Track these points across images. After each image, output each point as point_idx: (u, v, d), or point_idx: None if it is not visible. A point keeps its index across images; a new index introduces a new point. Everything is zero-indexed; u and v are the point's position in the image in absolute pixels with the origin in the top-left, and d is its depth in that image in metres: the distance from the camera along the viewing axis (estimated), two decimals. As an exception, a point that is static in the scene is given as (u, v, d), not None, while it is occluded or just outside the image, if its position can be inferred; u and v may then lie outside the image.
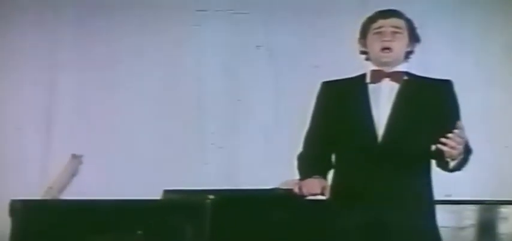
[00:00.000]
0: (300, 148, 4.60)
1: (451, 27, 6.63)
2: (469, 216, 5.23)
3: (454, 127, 4.18)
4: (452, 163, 4.20)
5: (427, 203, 4.40)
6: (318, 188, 4.30)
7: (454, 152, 4.08)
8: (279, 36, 6.73)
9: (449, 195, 5.43)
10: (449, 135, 4.05)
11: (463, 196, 5.51)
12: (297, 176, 4.49)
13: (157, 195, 5.13)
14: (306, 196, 4.35)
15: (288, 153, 4.75)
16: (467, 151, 4.32)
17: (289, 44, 6.71)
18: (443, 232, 4.47)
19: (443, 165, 4.32)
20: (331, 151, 4.49)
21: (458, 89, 4.48)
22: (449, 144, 4.06)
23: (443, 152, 4.16)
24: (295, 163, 4.56)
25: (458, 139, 4.07)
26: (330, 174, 4.54)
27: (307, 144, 4.52)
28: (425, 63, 4.70)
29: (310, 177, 4.37)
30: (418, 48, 4.53)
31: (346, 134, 4.42)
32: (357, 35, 4.54)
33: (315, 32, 6.42)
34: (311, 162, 4.47)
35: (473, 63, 6.59)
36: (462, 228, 5.11)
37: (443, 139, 4.06)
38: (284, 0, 6.80)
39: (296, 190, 4.36)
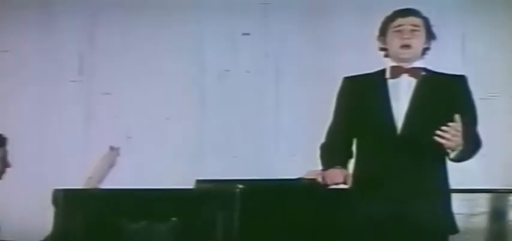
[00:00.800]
0: (322, 139, 4.61)
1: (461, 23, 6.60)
2: (482, 203, 5.22)
3: (465, 120, 4.26)
4: (452, 154, 4.28)
5: (442, 191, 4.47)
6: (340, 178, 4.39)
7: (450, 144, 4.18)
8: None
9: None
10: (444, 128, 4.14)
11: (477, 185, 5.47)
12: (319, 166, 4.56)
13: (190, 185, 5.15)
14: (329, 185, 4.43)
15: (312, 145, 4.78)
16: (475, 143, 4.41)
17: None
18: (457, 219, 4.53)
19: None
20: (352, 143, 4.55)
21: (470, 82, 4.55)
22: (445, 136, 4.14)
23: (441, 144, 4.23)
24: (318, 152, 4.63)
25: (453, 132, 4.16)
26: (351, 164, 4.58)
27: (329, 135, 4.59)
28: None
29: (332, 167, 4.45)
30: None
31: (366, 126, 4.51)
32: (377, 32, 4.57)
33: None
34: (333, 153, 4.55)
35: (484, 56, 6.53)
36: (475, 215, 5.11)
37: (439, 132, 4.15)
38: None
39: (319, 179, 4.44)
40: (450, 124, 4.20)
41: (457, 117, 4.21)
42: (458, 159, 4.37)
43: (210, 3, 6.87)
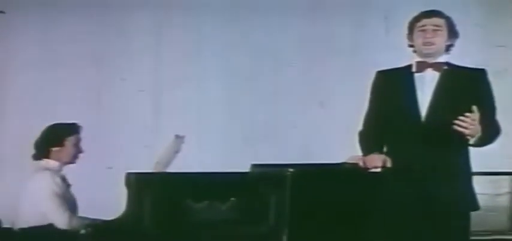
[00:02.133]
0: (360, 127, 4.77)
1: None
2: (505, 185, 5.20)
3: (484, 110, 4.40)
4: (471, 140, 4.41)
5: (464, 173, 4.58)
6: (379, 162, 4.57)
7: (468, 132, 4.32)
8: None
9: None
10: (463, 118, 4.28)
11: (501, 168, 5.43)
12: (359, 152, 4.72)
13: (246, 169, 5.13)
14: (369, 169, 4.58)
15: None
16: (494, 130, 4.53)
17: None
18: (482, 198, 4.64)
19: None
20: (384, 130, 4.66)
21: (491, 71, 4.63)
22: (463, 125, 4.28)
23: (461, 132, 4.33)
24: (357, 139, 4.79)
25: (470, 121, 4.29)
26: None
27: (365, 123, 4.75)
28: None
29: (371, 153, 4.59)
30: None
31: (395, 115, 4.63)
32: (406, 31, 4.69)
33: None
34: (370, 140, 4.69)
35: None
36: (499, 195, 5.10)
37: (457, 121, 4.29)
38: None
39: (361, 164, 4.61)
40: (468, 114, 4.31)
41: (474, 108, 4.33)
42: (478, 145, 4.46)
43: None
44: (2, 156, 6.34)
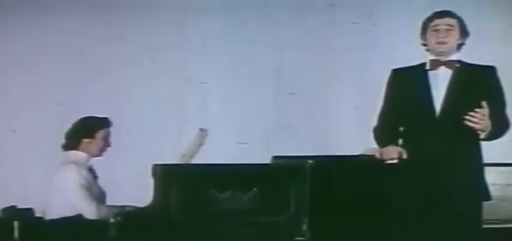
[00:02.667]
0: (374, 123, 4.83)
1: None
2: None
3: (495, 105, 4.47)
4: (482, 134, 4.47)
5: (476, 164, 4.63)
6: (395, 154, 4.60)
7: (478, 126, 4.39)
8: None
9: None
10: (472, 113, 4.35)
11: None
12: (375, 146, 4.76)
13: (267, 160, 5.15)
14: (385, 160, 4.62)
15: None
16: (504, 124, 4.59)
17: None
18: (494, 188, 4.68)
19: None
20: (399, 125, 4.66)
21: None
22: (473, 120, 4.35)
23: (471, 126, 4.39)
24: (372, 134, 4.82)
25: (480, 116, 4.36)
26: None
27: (380, 119, 4.81)
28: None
29: (386, 145, 4.62)
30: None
31: (411, 110, 4.67)
32: (419, 30, 4.74)
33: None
34: (385, 134, 4.72)
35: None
36: (509, 185, 5.10)
37: (467, 117, 4.36)
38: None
39: (377, 156, 4.65)
40: (477, 110, 4.37)
41: (484, 103, 4.40)
42: (489, 139, 4.52)
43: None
44: (34, 146, 6.36)
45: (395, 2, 6.67)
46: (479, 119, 4.42)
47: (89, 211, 5.06)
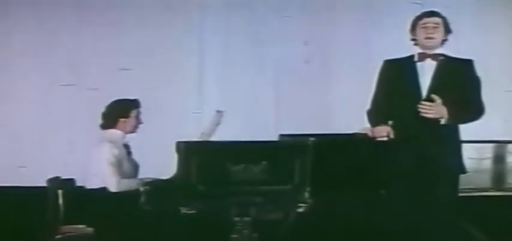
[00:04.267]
0: (368, 106, 4.92)
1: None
2: (488, 151, 5.23)
3: (470, 93, 4.57)
4: (442, 120, 4.56)
5: (454, 142, 4.71)
6: (384, 132, 4.71)
7: (429, 115, 4.49)
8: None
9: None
10: (422, 104, 4.46)
11: (494, 137, 5.46)
12: (368, 125, 4.85)
13: (275, 138, 5.20)
14: (376, 138, 4.75)
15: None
16: (478, 110, 4.66)
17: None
18: (470, 162, 4.79)
19: None
20: (390, 108, 4.75)
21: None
22: (422, 111, 4.46)
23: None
24: (365, 116, 4.91)
25: (427, 107, 4.45)
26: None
27: (373, 102, 4.88)
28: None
29: (378, 125, 4.71)
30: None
31: (401, 96, 4.73)
32: (409, 27, 4.80)
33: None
34: (377, 115, 4.79)
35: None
36: (482, 159, 5.16)
37: (419, 107, 4.46)
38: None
39: (370, 134, 4.78)
40: (424, 102, 4.48)
41: (433, 96, 4.48)
42: (454, 122, 4.59)
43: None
44: (78, 123, 6.36)
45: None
46: (427, 109, 4.52)
47: (113, 185, 5.15)
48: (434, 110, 4.57)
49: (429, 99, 4.58)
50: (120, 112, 5.33)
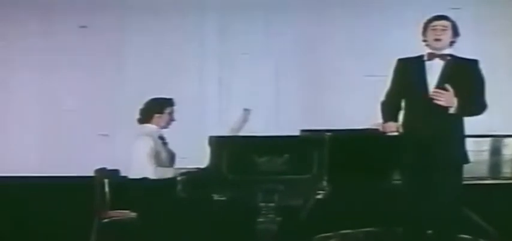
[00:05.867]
0: (382, 98, 4.91)
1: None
2: (486, 144, 5.27)
3: (474, 91, 4.59)
4: (450, 110, 4.56)
5: (459, 135, 4.74)
6: (394, 128, 4.76)
7: (441, 102, 4.50)
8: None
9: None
10: (436, 90, 4.47)
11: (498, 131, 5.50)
12: (380, 120, 4.88)
13: (296, 133, 5.21)
14: (386, 133, 4.80)
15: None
16: (480, 106, 4.66)
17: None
18: (471, 153, 4.82)
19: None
20: (401, 102, 4.78)
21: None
22: (436, 97, 4.46)
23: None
24: (379, 108, 4.89)
25: (439, 95, 4.46)
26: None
27: (387, 97, 4.88)
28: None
29: (389, 121, 4.76)
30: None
31: (411, 92, 4.75)
32: (421, 29, 4.81)
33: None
34: (389, 110, 4.82)
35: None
36: (481, 151, 5.17)
37: (432, 93, 4.48)
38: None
39: (381, 129, 4.83)
40: (438, 90, 4.49)
41: (447, 86, 4.49)
42: (461, 114, 4.60)
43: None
44: (121, 118, 6.31)
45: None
46: (440, 95, 4.53)
47: (150, 173, 5.21)
48: (446, 98, 4.59)
49: (443, 88, 4.61)
50: (155, 108, 5.38)
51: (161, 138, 5.40)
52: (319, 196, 4.99)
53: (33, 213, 6.12)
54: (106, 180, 5.35)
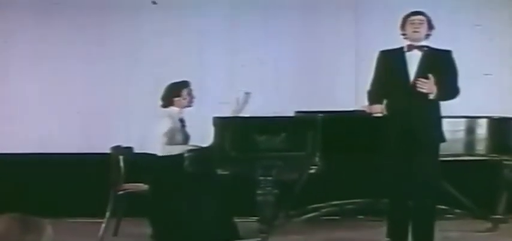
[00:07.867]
0: (368, 87, 4.90)
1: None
2: (461, 124, 5.27)
3: (448, 78, 4.61)
4: (430, 96, 4.58)
5: (436, 117, 4.76)
6: (379, 110, 4.78)
7: (424, 90, 4.53)
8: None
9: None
10: (419, 79, 4.52)
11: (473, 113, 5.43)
12: (367, 103, 4.86)
13: (292, 114, 5.33)
14: (373, 114, 4.82)
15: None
16: (453, 91, 4.68)
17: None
18: (447, 133, 4.83)
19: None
20: (385, 89, 4.78)
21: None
22: (420, 85, 4.49)
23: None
24: (366, 95, 4.90)
25: (422, 83, 4.48)
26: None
27: (372, 85, 4.87)
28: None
29: (374, 104, 4.77)
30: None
31: (393, 80, 4.76)
32: (399, 24, 4.81)
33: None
34: (374, 95, 4.82)
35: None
36: (457, 131, 5.13)
37: (417, 83, 4.51)
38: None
39: (367, 111, 4.85)
40: (423, 79, 4.53)
41: (429, 75, 4.52)
42: (439, 99, 4.63)
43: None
44: (142, 104, 6.20)
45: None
46: (422, 84, 4.55)
47: (159, 150, 5.17)
48: (427, 86, 4.61)
49: (425, 76, 4.62)
50: (173, 92, 5.32)
51: (181, 120, 5.33)
52: (312, 171, 5.06)
53: (59, 185, 6.17)
54: (121, 157, 5.37)
